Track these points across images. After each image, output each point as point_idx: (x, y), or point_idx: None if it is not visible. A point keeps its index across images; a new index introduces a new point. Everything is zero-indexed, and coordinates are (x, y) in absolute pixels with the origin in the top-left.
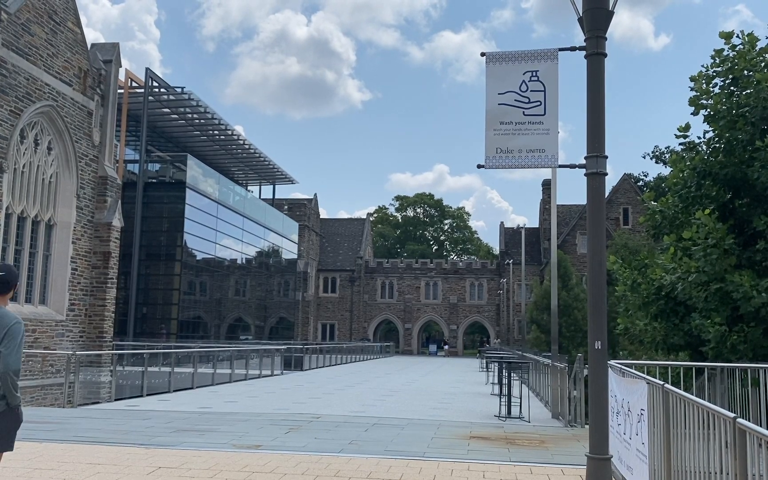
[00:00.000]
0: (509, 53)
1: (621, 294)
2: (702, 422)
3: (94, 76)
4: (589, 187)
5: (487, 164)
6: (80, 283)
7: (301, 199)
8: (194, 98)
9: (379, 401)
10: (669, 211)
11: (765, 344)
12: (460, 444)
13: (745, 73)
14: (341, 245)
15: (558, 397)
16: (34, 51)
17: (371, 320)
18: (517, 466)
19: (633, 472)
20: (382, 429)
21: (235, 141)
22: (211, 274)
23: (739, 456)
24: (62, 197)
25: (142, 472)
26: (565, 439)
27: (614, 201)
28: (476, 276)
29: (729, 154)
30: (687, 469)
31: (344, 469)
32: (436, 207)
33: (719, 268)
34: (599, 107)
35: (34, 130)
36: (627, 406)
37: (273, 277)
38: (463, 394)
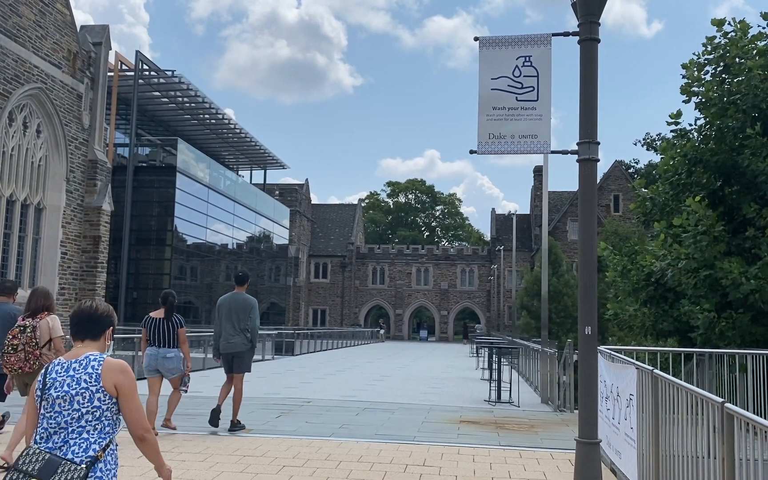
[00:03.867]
0: (502, 38)
1: (611, 280)
2: (690, 407)
3: (84, 58)
4: (580, 173)
5: (479, 150)
6: (70, 268)
7: (293, 185)
8: (185, 82)
9: (369, 386)
10: (659, 198)
11: (753, 331)
12: (450, 428)
13: (737, 60)
14: (332, 231)
15: (547, 382)
16: (23, 32)
17: (362, 306)
18: (507, 450)
19: (621, 457)
20: (372, 413)
21: (226, 125)
22: (202, 259)
23: (726, 440)
24: (52, 181)
25: (133, 456)
26: (555, 423)
27: (605, 188)
28: (467, 262)
29: (720, 142)
30: (675, 454)
31: (335, 453)
32: (428, 193)
33: (709, 255)
34: (592, 93)
35: (22, 112)
36: (616, 391)
37: (264, 262)
38: (453, 379)
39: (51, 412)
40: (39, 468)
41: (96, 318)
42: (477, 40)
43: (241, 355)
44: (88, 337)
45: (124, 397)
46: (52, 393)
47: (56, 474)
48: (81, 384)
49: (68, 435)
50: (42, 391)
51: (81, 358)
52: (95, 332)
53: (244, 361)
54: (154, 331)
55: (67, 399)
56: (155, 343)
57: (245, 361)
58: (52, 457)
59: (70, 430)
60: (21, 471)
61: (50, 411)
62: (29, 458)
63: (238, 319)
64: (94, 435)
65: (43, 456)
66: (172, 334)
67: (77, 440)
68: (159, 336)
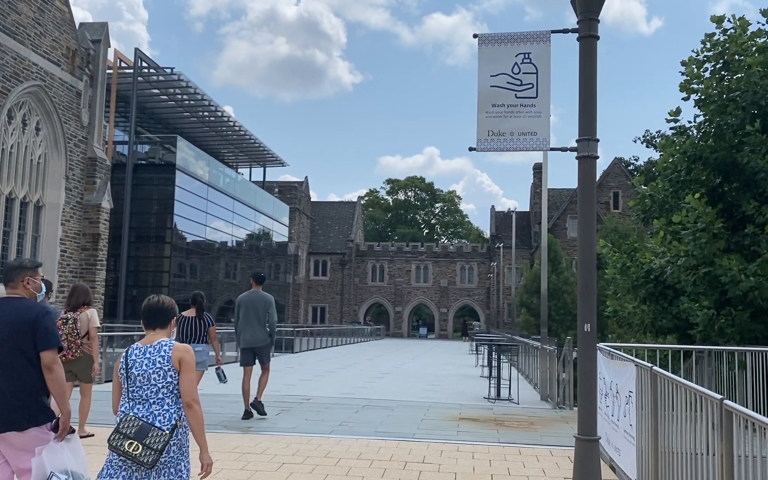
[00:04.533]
0: (502, 35)
1: (610, 277)
2: (689, 404)
3: (83, 56)
4: (580, 170)
5: (478, 147)
6: (69, 265)
7: (292, 182)
8: (184, 79)
9: (369, 383)
10: (659, 196)
11: (752, 327)
12: (449, 425)
13: (736, 57)
14: (332, 228)
15: (547, 379)
16: (22, 30)
17: (362, 303)
18: (506, 447)
19: (621, 453)
20: (372, 410)
21: (225, 123)
22: (202, 257)
23: (725, 437)
24: (51, 178)
25: None
26: (554, 420)
27: (604, 185)
28: (467, 260)
29: (719, 139)
30: (674, 450)
31: (334, 450)
32: (427, 190)
33: (708, 252)
34: (591, 90)
35: (21, 110)
36: (615, 388)
37: (263, 259)
38: (452, 376)
39: (134, 386)
40: (135, 432)
41: (163, 310)
42: (476, 37)
43: (262, 348)
44: (158, 326)
45: (183, 370)
46: (133, 371)
47: (147, 437)
48: (156, 364)
49: (151, 406)
50: (126, 370)
51: (154, 343)
52: (163, 321)
53: (265, 353)
54: (186, 328)
55: (145, 376)
56: (185, 339)
57: (266, 353)
58: (144, 423)
59: (152, 402)
60: (122, 433)
61: (133, 386)
62: (127, 423)
63: (258, 315)
64: (172, 406)
65: (137, 422)
66: (202, 331)
67: (160, 410)
68: (189, 333)
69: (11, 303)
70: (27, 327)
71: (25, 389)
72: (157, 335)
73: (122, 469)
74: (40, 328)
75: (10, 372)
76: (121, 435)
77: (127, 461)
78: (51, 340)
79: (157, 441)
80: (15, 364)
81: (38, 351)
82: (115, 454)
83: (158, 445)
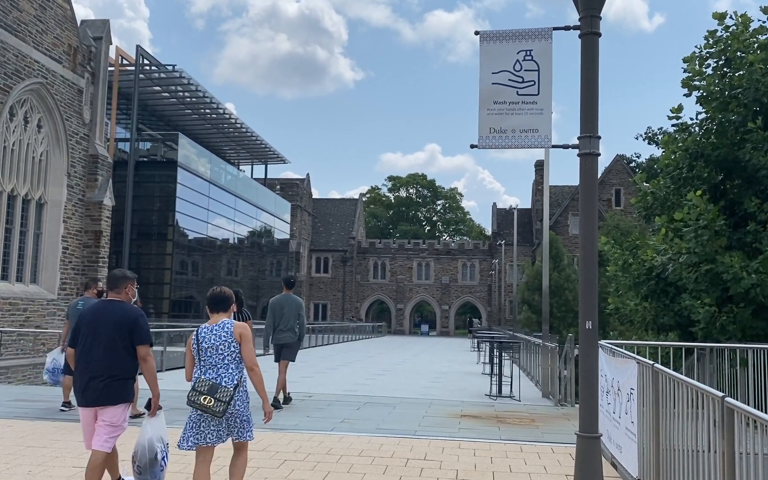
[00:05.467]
0: (503, 32)
1: (612, 274)
2: (691, 401)
3: (84, 53)
4: (581, 167)
5: (480, 144)
6: (71, 262)
7: (294, 179)
8: (185, 76)
9: (370, 380)
10: (660, 193)
11: (754, 325)
12: (451, 422)
13: (738, 54)
14: (334, 225)
15: (548, 376)
16: (23, 27)
17: (363, 300)
18: (508, 444)
19: (622, 451)
20: (373, 407)
21: (227, 120)
22: (203, 254)
23: (727, 434)
24: (53, 176)
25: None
26: (555, 417)
27: (606, 182)
28: (468, 257)
29: (721, 136)
30: (676, 448)
31: (336, 447)
32: (429, 188)
33: (710, 250)
34: (593, 87)
35: (23, 107)
36: (617, 386)
37: (265, 257)
38: (454, 373)
39: (205, 356)
40: (207, 389)
41: (225, 298)
42: (478, 34)
43: (290, 346)
44: (220, 310)
45: (243, 342)
46: (203, 345)
47: (217, 392)
48: (221, 338)
49: (218, 370)
50: (197, 345)
51: (219, 323)
52: (225, 307)
53: (292, 351)
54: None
55: (214, 348)
56: None
57: (293, 351)
58: (213, 383)
59: (219, 367)
60: (197, 391)
61: (204, 356)
62: (200, 384)
63: (289, 316)
64: (235, 370)
65: (208, 382)
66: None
67: (225, 373)
68: None
69: (115, 305)
70: (127, 325)
71: (121, 373)
72: (220, 317)
73: (201, 420)
74: (137, 327)
75: (111, 359)
76: (196, 392)
77: (203, 414)
78: (145, 337)
79: (224, 395)
80: (115, 354)
81: (135, 345)
82: (194, 410)
83: (226, 398)
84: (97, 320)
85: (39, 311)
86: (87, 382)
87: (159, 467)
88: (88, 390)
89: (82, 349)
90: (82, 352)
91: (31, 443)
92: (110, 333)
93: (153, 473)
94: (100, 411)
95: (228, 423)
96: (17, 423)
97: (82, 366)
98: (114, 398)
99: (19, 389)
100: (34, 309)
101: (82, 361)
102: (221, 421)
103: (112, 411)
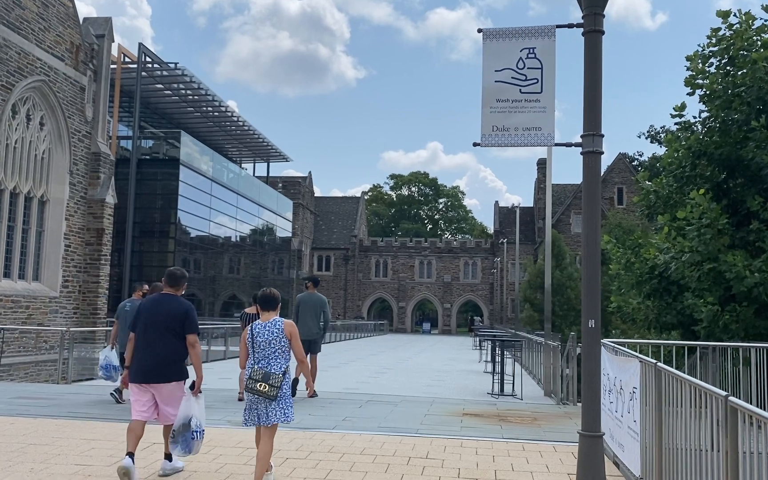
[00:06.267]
0: (506, 30)
1: (614, 273)
2: (694, 400)
3: (87, 50)
4: (584, 165)
5: (483, 142)
6: (74, 260)
7: (296, 177)
8: (188, 74)
9: (372, 378)
10: (663, 191)
11: (757, 324)
12: (453, 421)
13: (742, 52)
14: (336, 224)
15: (550, 375)
16: (26, 25)
17: (365, 298)
18: (510, 443)
19: (624, 450)
20: (375, 406)
21: (229, 118)
22: (205, 252)
23: (730, 433)
24: (55, 173)
25: (137, 448)
26: (558, 416)
27: (609, 180)
28: (470, 255)
29: (724, 134)
30: (678, 447)
31: (338, 445)
32: (431, 186)
33: (713, 248)
34: (596, 85)
35: (26, 105)
36: (619, 385)
37: (267, 255)
38: (456, 371)
39: (258, 349)
40: (262, 376)
41: (275, 298)
42: (481, 31)
43: (316, 340)
44: (271, 309)
45: (293, 338)
46: (258, 339)
47: (270, 379)
48: (273, 334)
49: (269, 361)
50: (252, 339)
51: (271, 320)
52: (274, 306)
53: (318, 344)
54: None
55: (266, 342)
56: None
57: (318, 344)
58: (266, 371)
59: (270, 358)
60: (253, 379)
61: (258, 349)
62: (255, 373)
63: (314, 312)
64: (282, 361)
65: (262, 371)
66: None
67: (276, 363)
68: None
69: (170, 298)
70: (180, 316)
71: (174, 356)
72: (271, 315)
73: (256, 402)
74: (188, 318)
75: (166, 344)
76: (253, 380)
77: (258, 397)
78: (194, 327)
79: (276, 381)
80: (170, 340)
81: (185, 333)
82: (250, 394)
83: (277, 384)
84: (156, 310)
85: (41, 309)
86: (146, 363)
87: (191, 435)
88: (146, 370)
89: (142, 334)
90: (142, 337)
91: (33, 441)
92: (166, 322)
93: (184, 438)
94: (156, 388)
95: (277, 403)
96: (19, 420)
97: (141, 348)
98: (169, 376)
99: (21, 387)
100: (36, 306)
101: (141, 344)
102: (270, 403)
103: (168, 387)
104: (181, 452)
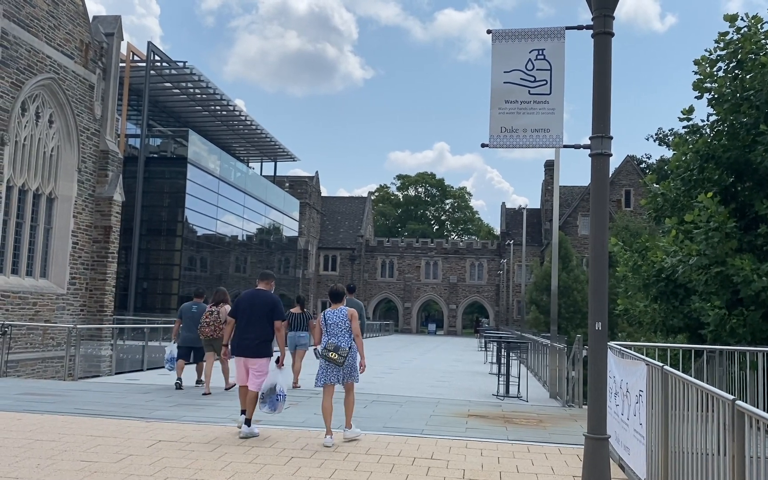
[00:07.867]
0: (516, 31)
1: (621, 275)
2: (700, 404)
3: (96, 49)
4: (593, 168)
5: (491, 143)
6: (81, 257)
7: (303, 177)
8: (196, 73)
9: (377, 378)
10: (671, 194)
11: (764, 328)
12: (458, 422)
13: (750, 56)
14: (342, 223)
15: (556, 377)
16: (36, 23)
17: (371, 299)
18: (515, 444)
19: (630, 453)
20: (380, 406)
21: (237, 117)
22: (212, 250)
23: (737, 438)
24: (63, 171)
25: (142, 445)
26: (563, 418)
27: (616, 183)
28: (476, 256)
29: (732, 138)
30: (684, 450)
31: (343, 445)
32: (438, 186)
33: (720, 252)
34: (605, 87)
35: (35, 102)
36: (626, 387)
37: (274, 254)
38: (461, 372)
39: (330, 329)
40: (333, 347)
41: (341, 293)
42: (490, 32)
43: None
44: (338, 301)
45: (353, 320)
46: (329, 322)
47: (339, 349)
48: (340, 318)
49: (338, 337)
50: (325, 322)
51: (339, 308)
52: (340, 298)
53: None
54: (294, 321)
55: (336, 324)
56: (294, 329)
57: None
58: (336, 344)
59: (339, 336)
60: (327, 349)
61: (330, 329)
62: (329, 345)
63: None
64: (348, 337)
65: (333, 344)
66: (304, 322)
67: (343, 339)
68: (296, 324)
69: (263, 292)
70: (270, 306)
71: (264, 337)
72: (339, 305)
73: (327, 367)
74: (276, 308)
75: (259, 327)
76: (327, 350)
77: (330, 363)
78: (281, 315)
79: (344, 351)
80: (263, 324)
81: (274, 319)
82: (323, 360)
83: (345, 353)
84: (252, 302)
85: (48, 305)
86: (244, 341)
87: (276, 397)
88: (244, 346)
89: (241, 319)
90: (241, 322)
91: (39, 437)
92: (260, 310)
93: (271, 399)
94: (251, 361)
95: (344, 371)
96: (26, 416)
97: (240, 330)
98: (260, 353)
99: (28, 383)
100: (44, 303)
101: (240, 327)
102: (340, 369)
103: (260, 361)
104: (269, 410)
